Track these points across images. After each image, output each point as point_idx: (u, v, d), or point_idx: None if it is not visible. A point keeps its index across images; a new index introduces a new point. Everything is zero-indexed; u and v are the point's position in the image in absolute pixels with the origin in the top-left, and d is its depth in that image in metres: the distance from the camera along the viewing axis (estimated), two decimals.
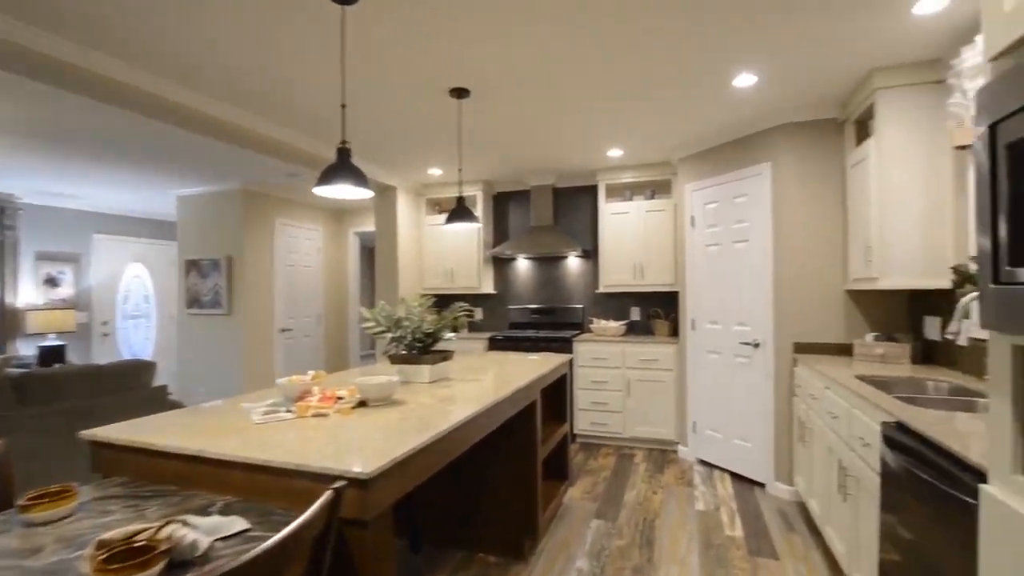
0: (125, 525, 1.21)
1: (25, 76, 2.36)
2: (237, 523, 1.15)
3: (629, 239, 4.66)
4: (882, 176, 2.70)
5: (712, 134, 3.77)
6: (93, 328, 6.38)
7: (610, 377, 4.44)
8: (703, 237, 3.96)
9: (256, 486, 1.33)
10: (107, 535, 1.05)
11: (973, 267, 2.24)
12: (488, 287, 5.32)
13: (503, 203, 5.48)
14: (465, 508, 2.70)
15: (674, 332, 4.61)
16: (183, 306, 5.54)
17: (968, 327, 2.34)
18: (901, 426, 1.67)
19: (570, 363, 4.50)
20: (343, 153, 1.86)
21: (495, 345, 4.79)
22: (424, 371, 2.33)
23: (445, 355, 2.42)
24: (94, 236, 6.42)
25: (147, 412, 3.14)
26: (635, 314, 4.95)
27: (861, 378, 2.47)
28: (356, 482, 1.18)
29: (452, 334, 2.40)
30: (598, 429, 4.48)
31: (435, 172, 4.84)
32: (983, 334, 2.23)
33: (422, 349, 2.38)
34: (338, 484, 1.02)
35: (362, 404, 1.86)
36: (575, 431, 4.57)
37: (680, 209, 4.25)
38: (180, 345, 5.60)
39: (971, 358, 2.40)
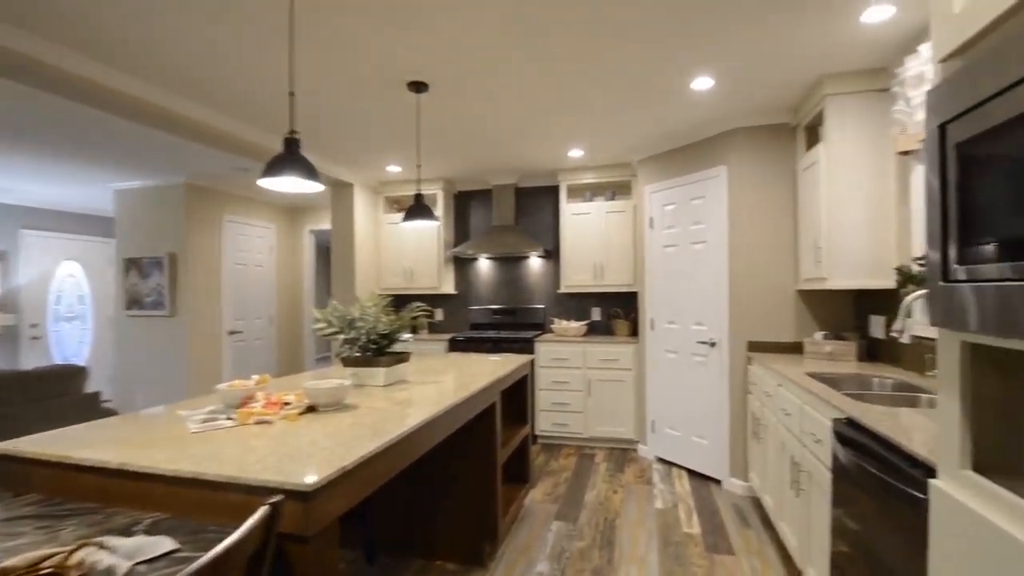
0: (35, 549, 1.09)
1: None
2: (163, 543, 1.05)
3: (590, 239, 4.68)
4: (831, 180, 2.79)
5: (671, 136, 3.82)
6: (21, 331, 5.91)
7: (571, 377, 4.44)
8: (661, 238, 4.01)
9: (188, 502, 1.22)
10: (9, 561, 0.94)
11: (916, 268, 2.34)
12: (449, 287, 5.24)
13: (464, 202, 5.40)
14: (423, 515, 2.61)
15: (634, 332, 4.66)
16: (122, 307, 5.20)
17: (911, 325, 2.43)
18: (851, 422, 1.71)
19: (531, 364, 4.47)
20: (291, 143, 1.76)
21: (456, 346, 4.71)
22: (379, 374, 2.23)
23: (401, 357, 2.33)
24: (22, 232, 5.94)
25: (77, 420, 2.90)
26: (596, 314, 4.98)
27: (812, 375, 2.54)
28: (297, 494, 1.10)
29: (409, 335, 2.31)
30: (559, 430, 4.47)
31: (394, 169, 4.72)
32: (925, 332, 2.32)
33: (377, 351, 2.29)
34: (275, 498, 0.93)
35: (311, 409, 1.76)
36: (536, 432, 4.54)
37: (640, 210, 4.29)
38: (118, 349, 5.25)
39: (913, 355, 2.50)
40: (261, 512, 0.89)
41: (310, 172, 1.76)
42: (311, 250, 6.57)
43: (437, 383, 2.34)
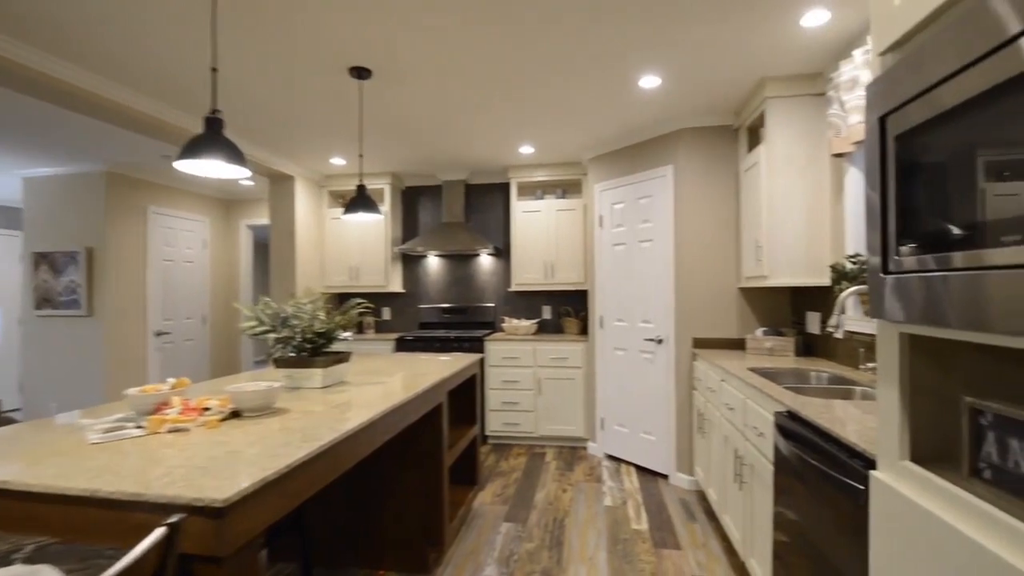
0: None
1: None
2: (42, 573, 0.90)
3: (541, 238, 4.65)
4: (771, 181, 2.87)
5: (620, 135, 3.84)
6: None
7: (521, 376, 4.40)
8: (611, 236, 4.03)
9: (81, 523, 1.06)
10: None
11: (849, 265, 2.43)
12: (397, 286, 5.08)
13: (413, 198, 5.26)
14: (364, 523, 2.48)
15: (584, 330, 4.67)
16: (30, 307, 4.72)
17: (844, 321, 2.53)
18: (792, 415, 1.74)
19: (481, 363, 4.40)
20: (212, 123, 1.60)
21: (404, 346, 4.57)
22: (316, 375, 2.10)
23: (340, 357, 2.20)
24: None
25: None
26: (546, 312, 4.96)
27: (753, 370, 2.60)
28: (209, 511, 0.97)
29: (348, 334, 2.18)
30: (510, 429, 4.41)
31: (338, 162, 4.53)
32: (859, 327, 2.41)
33: (313, 351, 2.15)
34: (174, 518, 0.81)
35: (235, 415, 1.62)
36: (487, 432, 4.47)
37: (590, 209, 4.30)
38: (26, 352, 4.76)
39: (846, 349, 2.61)
40: (156, 534, 0.77)
41: (234, 155, 1.61)
42: (248, 246, 6.22)
43: (380, 384, 2.22)
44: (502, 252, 5.05)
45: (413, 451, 2.46)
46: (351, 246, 4.94)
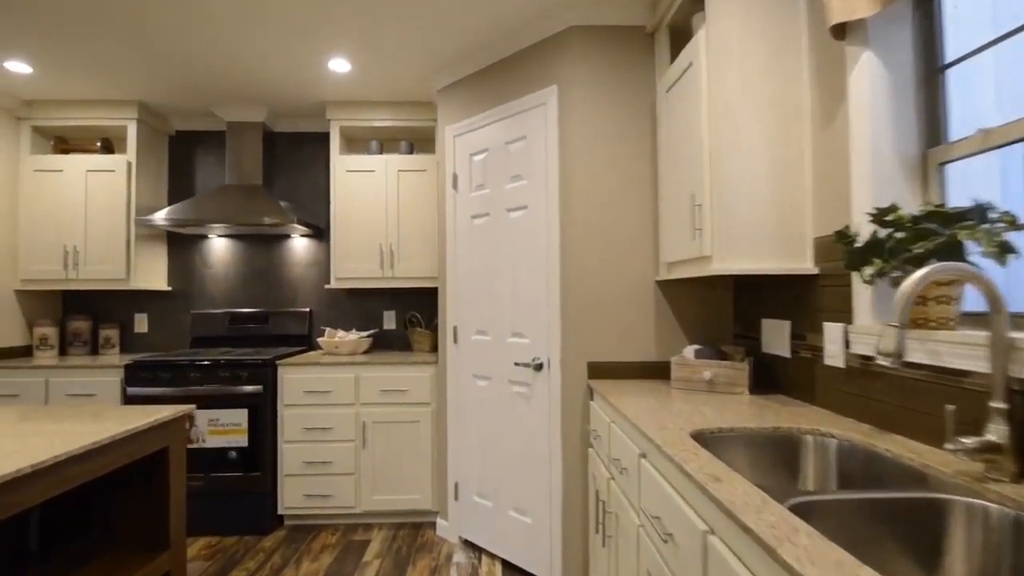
0: None
1: None
2: None
3: (375, 211, 3.15)
4: (716, 93, 1.63)
5: (479, 46, 2.47)
6: None
7: (337, 420, 2.85)
8: (468, 204, 2.64)
9: None
10: None
11: (875, 229, 1.22)
12: (156, 280, 3.30)
13: (187, 149, 3.49)
14: None
15: (437, 346, 3.23)
16: None
17: (904, 342, 1.32)
18: None
19: (272, 401, 2.79)
20: None
21: (136, 380, 2.80)
22: None
23: None
24: None
25: None
26: (388, 320, 3.46)
27: (698, 436, 1.32)
28: None
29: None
30: (316, 504, 2.84)
31: (20, 69, 2.68)
32: (925, 353, 1.19)
33: None
34: None
35: None
36: (281, 510, 2.85)
37: (443, 168, 2.87)
38: None
39: (847, 384, 1.40)
40: None
41: None
42: None
43: None
44: (324, 233, 3.47)
45: None
46: (70, 216, 3.08)
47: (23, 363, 2.86)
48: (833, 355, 1.50)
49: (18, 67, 2.64)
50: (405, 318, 3.43)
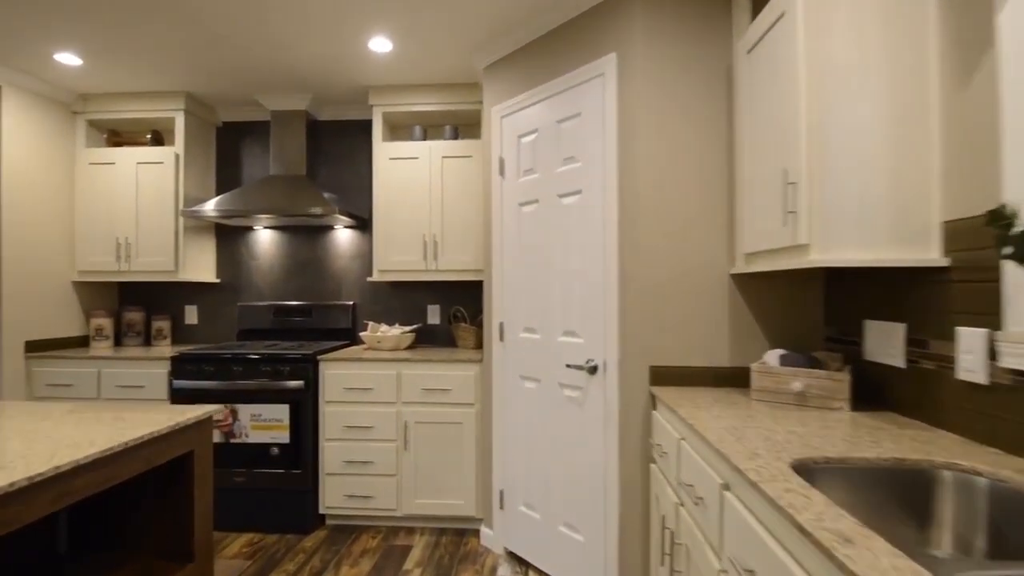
0: None
1: None
2: None
3: (418, 200, 3.00)
4: (817, 47, 1.34)
5: (529, 12, 2.24)
6: None
7: (378, 419, 2.73)
8: (516, 191, 2.43)
9: None
10: None
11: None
12: (206, 272, 3.30)
13: (235, 140, 3.46)
14: None
15: (482, 343, 3.06)
16: None
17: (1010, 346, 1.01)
18: None
19: (314, 398, 2.70)
20: None
21: (183, 373, 2.78)
22: None
23: None
24: None
25: None
26: (432, 315, 3.31)
27: (802, 469, 1.06)
28: None
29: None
30: (357, 505, 2.73)
31: (70, 61, 2.69)
32: None
33: None
34: None
35: None
36: (323, 509, 2.77)
37: (491, 152, 2.67)
38: None
39: (992, 406, 1.10)
40: None
41: None
42: None
43: None
44: (367, 224, 3.36)
45: None
46: (122, 208, 3.11)
47: (78, 353, 2.90)
48: (970, 368, 1.19)
49: (68, 59, 2.64)
50: (449, 312, 3.28)
